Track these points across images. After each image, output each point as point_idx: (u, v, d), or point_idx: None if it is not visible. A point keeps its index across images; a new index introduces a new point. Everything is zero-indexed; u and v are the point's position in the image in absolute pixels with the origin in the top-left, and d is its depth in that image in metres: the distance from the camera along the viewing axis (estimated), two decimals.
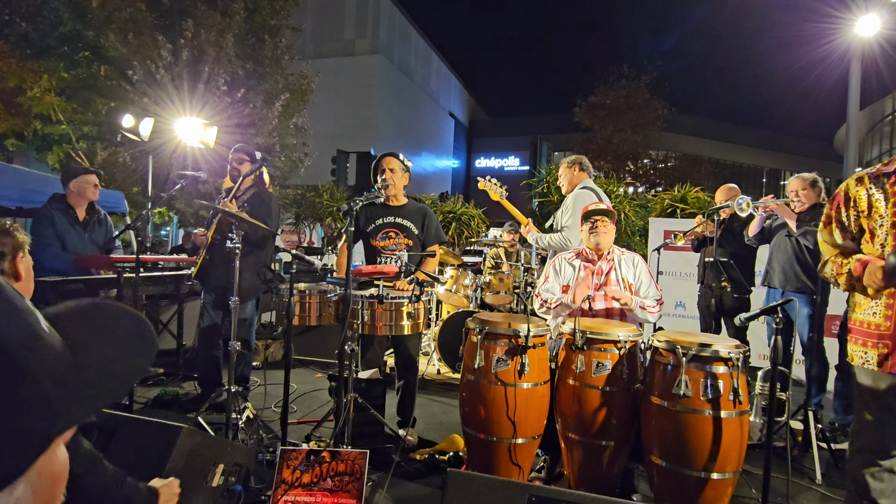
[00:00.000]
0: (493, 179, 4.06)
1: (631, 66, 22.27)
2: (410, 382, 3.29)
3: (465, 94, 37.42)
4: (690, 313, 5.60)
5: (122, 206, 6.15)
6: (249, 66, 9.88)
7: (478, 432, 2.52)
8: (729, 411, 2.15)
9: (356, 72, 23.64)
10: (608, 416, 2.39)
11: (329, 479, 2.29)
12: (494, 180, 4.05)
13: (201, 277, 3.63)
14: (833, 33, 8.38)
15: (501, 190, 4.00)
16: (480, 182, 4.08)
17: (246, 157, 3.60)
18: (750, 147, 31.76)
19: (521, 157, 32.93)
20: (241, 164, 3.57)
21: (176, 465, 2.02)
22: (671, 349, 2.24)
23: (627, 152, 22.49)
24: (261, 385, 4.15)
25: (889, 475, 1.94)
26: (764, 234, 3.91)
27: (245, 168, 3.56)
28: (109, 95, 8.86)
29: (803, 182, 3.63)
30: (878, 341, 1.91)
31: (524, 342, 2.42)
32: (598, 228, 2.89)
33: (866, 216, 1.97)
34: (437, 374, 4.91)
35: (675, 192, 7.63)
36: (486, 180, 4.05)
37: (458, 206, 10.22)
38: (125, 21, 8.59)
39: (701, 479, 2.16)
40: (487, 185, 4.03)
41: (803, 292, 3.56)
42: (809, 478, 2.94)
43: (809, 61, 14.04)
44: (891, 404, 1.90)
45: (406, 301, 2.74)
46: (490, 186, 4.01)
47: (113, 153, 8.94)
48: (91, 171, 3.83)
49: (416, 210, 3.42)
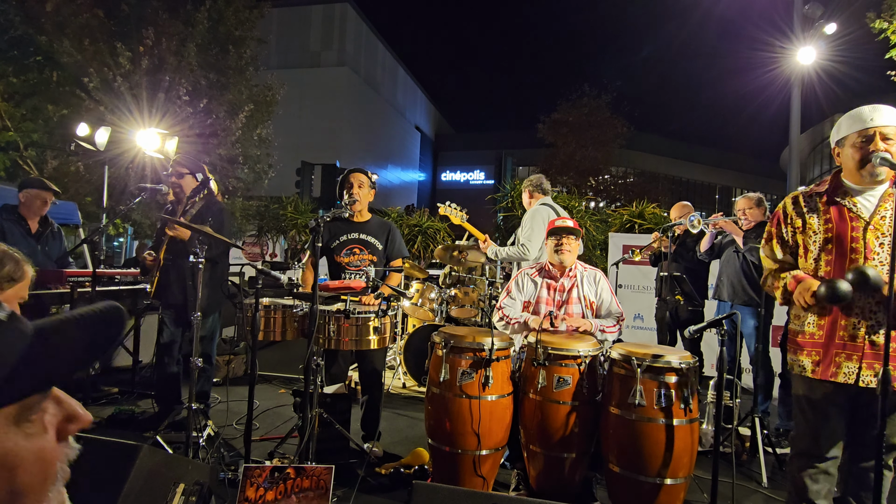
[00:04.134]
0: (453, 204, 4.27)
1: (592, 85, 23.03)
2: (375, 396, 3.30)
3: (432, 107, 37.73)
4: (648, 325, 5.81)
5: (76, 218, 5.94)
6: (212, 76, 9.71)
7: (443, 445, 2.56)
8: (680, 419, 2.27)
9: (322, 83, 23.49)
10: (570, 430, 2.47)
11: (294, 495, 2.28)
12: (454, 205, 4.27)
13: (158, 295, 3.54)
14: (776, 61, 8.97)
15: (462, 213, 4.23)
16: (441, 208, 4.29)
17: (186, 171, 3.50)
18: (704, 165, 33.24)
19: (486, 171, 33.37)
20: (181, 178, 3.48)
21: (135, 486, 1.97)
22: (627, 360, 2.35)
23: (589, 168, 23.10)
24: (222, 402, 4.06)
25: (825, 476, 2.08)
26: (714, 250, 4.12)
27: (187, 182, 3.48)
28: (62, 102, 8.54)
29: (749, 201, 3.86)
30: (811, 349, 2.06)
31: (488, 355, 2.48)
32: (564, 247, 2.97)
33: (801, 232, 2.14)
34: (403, 387, 4.92)
35: (634, 208, 7.92)
36: (446, 205, 4.29)
37: (424, 220, 10.27)
38: (81, 27, 8.34)
39: (655, 484, 2.26)
40: (448, 210, 4.26)
41: (750, 305, 3.77)
42: (756, 481, 3.10)
43: (756, 86, 14.92)
44: (824, 410, 2.05)
45: (373, 316, 2.77)
46: (450, 211, 4.24)
47: (64, 162, 8.60)
48: (48, 187, 3.70)
49: (380, 225, 3.46)
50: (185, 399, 3.53)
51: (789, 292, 2.10)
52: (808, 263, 2.12)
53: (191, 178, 3.49)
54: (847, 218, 2.03)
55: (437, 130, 38.19)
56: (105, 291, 3.92)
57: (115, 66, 8.41)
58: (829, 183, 2.13)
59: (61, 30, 8.31)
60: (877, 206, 1.99)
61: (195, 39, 9.19)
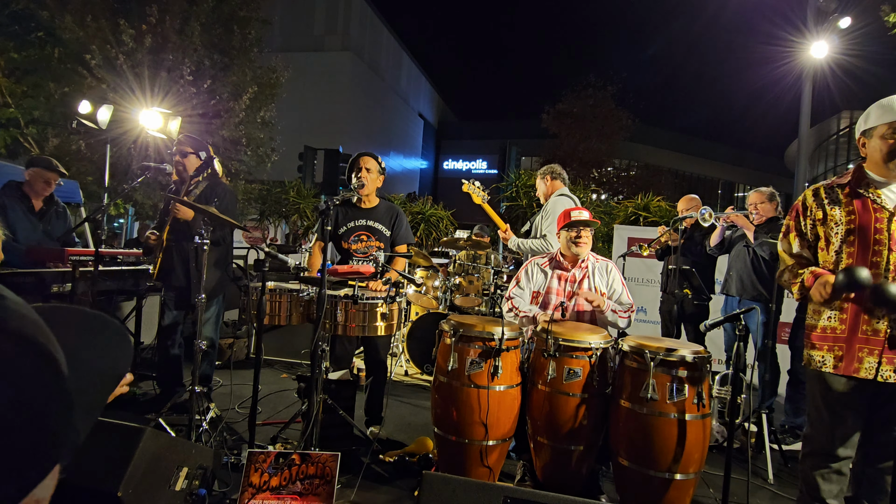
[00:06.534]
0: (477, 182, 4.02)
1: (597, 76, 22.82)
2: (380, 381, 3.28)
3: (435, 95, 37.41)
4: (651, 318, 5.78)
5: (77, 197, 5.87)
6: (216, 56, 9.58)
7: (449, 434, 2.53)
8: (693, 414, 2.23)
9: (325, 68, 23.22)
10: (578, 422, 2.43)
11: (299, 481, 2.25)
12: (478, 183, 4.02)
13: (161, 278, 3.49)
14: (788, 56, 8.84)
15: (484, 194, 3.97)
16: (465, 184, 4.03)
17: (190, 150, 3.43)
18: (707, 159, 33.04)
19: (488, 160, 33.15)
20: (185, 158, 3.42)
21: (139, 468, 1.94)
22: (639, 353, 2.31)
23: (592, 160, 22.99)
24: (224, 385, 4.04)
25: (837, 476, 2.06)
26: (724, 245, 4.07)
27: (190, 161, 3.41)
28: (64, 80, 8.42)
29: (761, 196, 3.81)
30: (833, 344, 2.02)
31: (498, 345, 2.44)
32: (582, 239, 2.91)
33: (822, 224, 2.09)
34: (406, 375, 4.90)
35: (639, 201, 7.86)
36: (469, 183, 4.01)
37: (427, 208, 10.20)
38: (83, 3, 8.19)
39: (665, 479, 2.24)
40: (471, 187, 4.00)
41: (758, 301, 3.73)
42: (762, 478, 3.08)
43: (766, 82, 14.81)
44: (841, 408, 2.02)
45: (381, 302, 2.72)
46: (474, 190, 3.98)
47: (66, 140, 8.50)
48: (53, 167, 3.64)
49: (387, 210, 3.40)
50: (186, 382, 3.51)
51: (807, 288, 2.05)
52: (829, 255, 2.08)
53: (194, 157, 3.42)
54: (871, 209, 1.98)
55: (441, 118, 37.90)
56: (108, 271, 3.86)
57: (117, 44, 8.28)
58: (852, 175, 2.08)
59: (63, 5, 8.17)
60: None
61: (199, 18, 9.05)
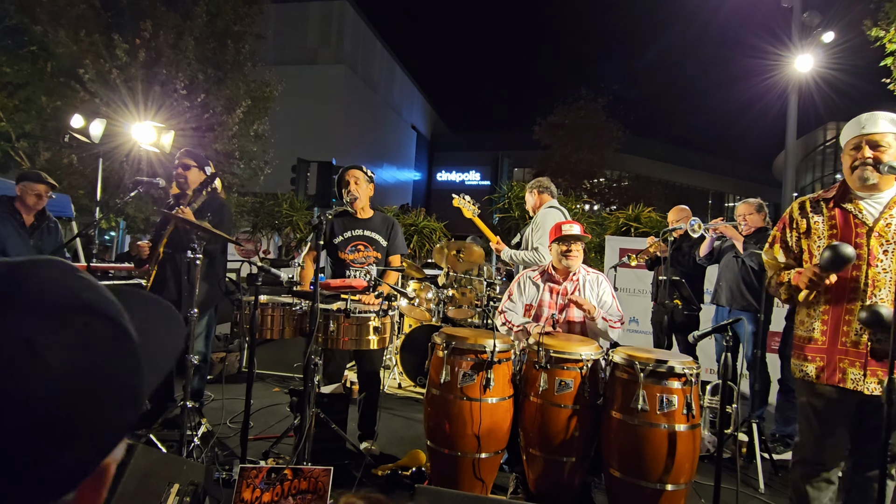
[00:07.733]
0: (467, 197, 4.07)
1: (588, 88, 23.13)
2: (373, 395, 3.27)
3: (428, 107, 37.66)
4: (643, 328, 5.81)
5: (69, 211, 5.84)
6: (210, 70, 9.63)
7: (442, 447, 2.53)
8: (683, 425, 2.25)
9: (318, 81, 23.35)
10: (570, 433, 2.45)
11: (291, 497, 2.24)
12: (468, 198, 4.07)
13: (155, 290, 3.48)
14: (774, 69, 9.01)
15: (474, 208, 4.02)
16: (455, 199, 4.08)
17: (193, 163, 3.45)
18: (697, 170, 33.43)
19: (481, 171, 33.33)
20: (187, 171, 3.43)
21: (129, 486, 1.93)
22: (630, 365, 2.34)
23: (584, 171, 23.20)
24: (216, 400, 4.01)
25: (827, 485, 2.08)
26: (713, 255, 4.12)
27: (193, 174, 3.43)
28: (56, 94, 8.42)
29: (749, 207, 3.87)
30: (815, 355, 2.06)
31: (490, 358, 2.46)
32: (572, 253, 2.94)
33: (806, 236, 2.14)
34: (399, 388, 4.89)
35: (630, 211, 7.94)
36: (460, 197, 4.06)
37: (420, 219, 10.24)
38: (77, 17, 8.22)
39: (657, 490, 2.25)
40: (461, 202, 4.04)
41: (748, 310, 3.77)
42: (753, 487, 3.10)
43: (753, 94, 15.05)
44: (829, 418, 2.05)
45: (373, 315, 2.73)
46: (464, 204, 4.03)
47: (57, 154, 8.48)
48: (43, 180, 3.64)
49: (383, 221, 3.43)
50: (177, 397, 3.48)
51: (793, 286, 2.09)
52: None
53: (197, 171, 3.45)
54: (852, 224, 2.02)
55: (434, 130, 38.15)
56: None
57: (110, 58, 8.31)
58: (838, 189, 2.13)
59: (57, 20, 8.19)
60: (882, 212, 1.99)
61: (193, 33, 9.11)
